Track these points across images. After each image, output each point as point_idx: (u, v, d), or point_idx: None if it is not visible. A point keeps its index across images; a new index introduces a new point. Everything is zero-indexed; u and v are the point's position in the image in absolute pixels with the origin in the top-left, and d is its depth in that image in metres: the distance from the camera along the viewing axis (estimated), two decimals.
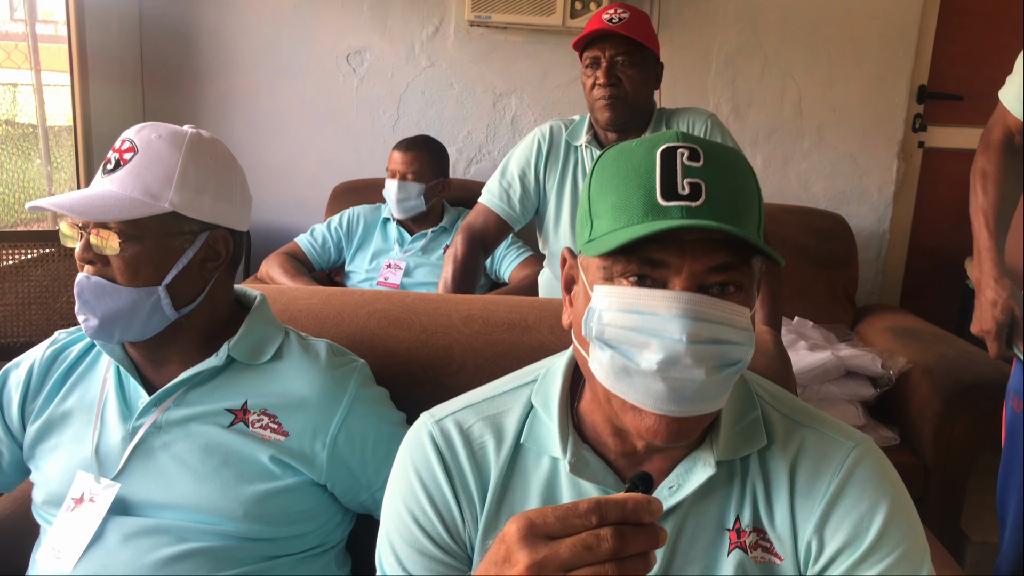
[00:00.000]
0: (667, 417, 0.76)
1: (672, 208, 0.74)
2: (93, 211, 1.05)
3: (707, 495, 0.85)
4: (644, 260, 0.75)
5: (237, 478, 1.11)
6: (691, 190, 0.75)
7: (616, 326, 0.75)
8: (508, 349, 1.36)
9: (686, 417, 0.76)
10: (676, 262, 0.75)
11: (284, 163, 3.22)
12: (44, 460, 1.18)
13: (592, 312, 0.77)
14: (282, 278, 2.55)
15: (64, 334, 1.25)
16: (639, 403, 0.76)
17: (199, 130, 1.16)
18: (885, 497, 0.83)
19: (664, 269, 0.75)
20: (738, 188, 0.77)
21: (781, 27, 3.02)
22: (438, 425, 0.91)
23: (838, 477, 0.84)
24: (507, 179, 2.10)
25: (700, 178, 0.75)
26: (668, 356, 0.73)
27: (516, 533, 0.64)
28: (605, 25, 1.91)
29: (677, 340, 0.73)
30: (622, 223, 0.76)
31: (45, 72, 2.83)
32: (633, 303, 0.75)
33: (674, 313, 0.73)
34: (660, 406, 0.75)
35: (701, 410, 0.77)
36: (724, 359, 0.75)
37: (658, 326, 0.74)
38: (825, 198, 3.14)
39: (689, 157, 0.76)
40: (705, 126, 2.03)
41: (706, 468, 0.84)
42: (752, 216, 0.78)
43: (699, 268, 0.75)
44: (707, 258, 0.75)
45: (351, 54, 3.14)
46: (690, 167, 0.76)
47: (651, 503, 0.63)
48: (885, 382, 2.35)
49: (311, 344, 1.21)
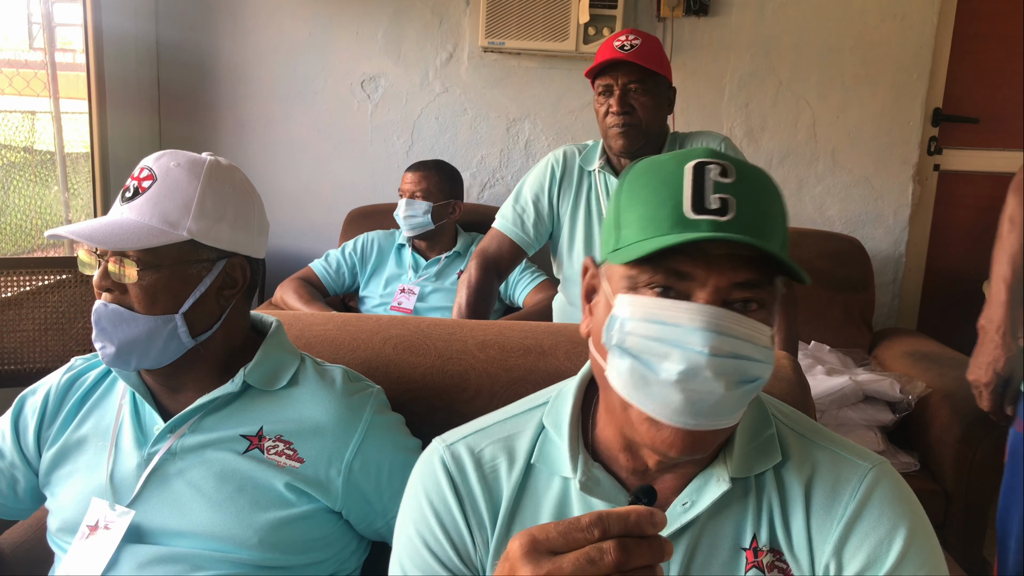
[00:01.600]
0: (683, 430, 0.76)
1: (701, 222, 0.75)
2: (112, 239, 1.05)
3: (721, 512, 0.85)
4: (670, 271, 0.76)
5: (252, 505, 1.10)
6: (720, 205, 0.75)
7: (638, 335, 0.76)
8: (524, 375, 1.36)
9: (701, 431, 0.76)
10: (702, 275, 0.75)
11: (299, 189, 3.24)
12: (59, 487, 1.17)
13: (614, 320, 0.77)
14: (296, 303, 2.56)
15: (80, 360, 1.26)
16: (656, 414, 0.76)
17: (217, 158, 1.16)
18: (904, 519, 0.82)
19: (689, 281, 0.76)
20: (766, 206, 0.78)
21: (794, 51, 3.03)
22: (449, 450, 0.92)
23: (856, 498, 0.83)
24: (521, 204, 2.10)
25: (730, 193, 0.76)
26: (689, 367, 0.73)
27: (519, 550, 0.64)
28: (617, 53, 1.92)
29: (699, 352, 0.73)
30: (649, 234, 0.76)
31: (63, 100, 2.87)
32: (657, 313, 0.75)
33: (697, 325, 0.73)
34: (676, 418, 0.75)
35: (717, 424, 0.77)
36: (744, 375, 0.75)
37: (680, 337, 0.74)
38: (840, 221, 3.12)
39: (720, 173, 0.77)
40: (719, 149, 2.02)
41: (720, 484, 0.84)
42: (778, 235, 0.79)
43: (724, 283, 0.75)
44: (732, 273, 0.75)
45: (365, 80, 3.17)
46: (720, 182, 0.76)
47: (654, 515, 0.62)
48: (904, 407, 2.32)
49: (327, 370, 1.21)
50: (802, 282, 0.77)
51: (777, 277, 0.79)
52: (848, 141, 3.08)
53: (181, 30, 3.15)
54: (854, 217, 3.12)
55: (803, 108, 3.06)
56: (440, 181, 2.70)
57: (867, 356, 2.77)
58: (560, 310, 2.28)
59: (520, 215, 2.09)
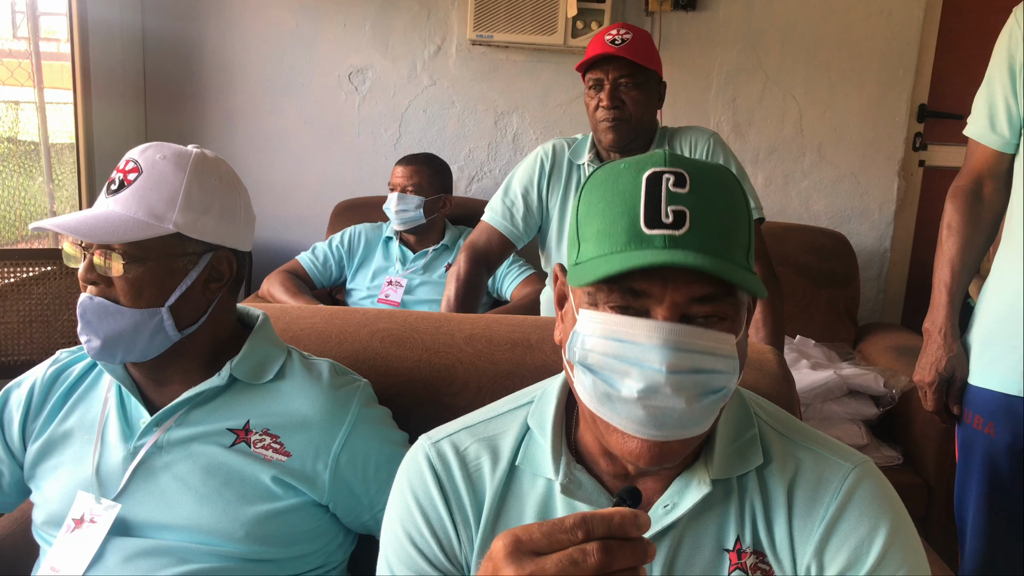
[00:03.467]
0: (649, 441, 0.76)
1: (655, 237, 0.74)
2: (97, 233, 1.05)
3: (704, 514, 0.85)
4: (627, 290, 0.75)
5: (239, 499, 1.10)
6: (675, 218, 0.74)
7: (598, 352, 0.76)
8: (511, 368, 1.36)
9: (668, 441, 0.76)
10: (658, 292, 0.75)
11: (286, 181, 3.22)
12: (45, 480, 1.17)
13: (576, 336, 0.77)
14: (283, 296, 2.55)
15: (66, 353, 1.25)
16: (621, 427, 0.76)
17: (203, 150, 1.16)
18: (885, 520, 0.83)
19: (646, 299, 0.75)
20: (724, 214, 0.77)
21: (781, 46, 3.04)
22: (435, 447, 0.92)
23: (837, 499, 0.83)
24: (510, 197, 2.10)
25: (684, 205, 0.75)
26: (648, 385, 0.73)
27: (503, 550, 0.64)
28: (608, 48, 1.92)
29: (657, 370, 0.73)
30: (605, 250, 0.76)
31: (48, 90, 2.84)
32: (615, 331, 0.75)
33: (654, 343, 0.73)
34: (642, 430, 0.75)
35: (683, 435, 0.77)
36: (706, 387, 0.75)
37: (639, 355, 0.73)
38: (826, 216, 3.14)
39: (675, 183, 0.75)
40: (708, 145, 2.03)
41: (701, 487, 0.84)
42: (739, 242, 0.77)
43: (681, 299, 0.75)
44: (689, 289, 0.74)
45: (353, 73, 3.16)
46: (675, 193, 0.75)
47: (638, 517, 0.63)
48: (888, 401, 2.34)
49: (313, 364, 1.21)
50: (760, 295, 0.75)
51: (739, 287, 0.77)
52: (834, 136, 3.09)
53: (167, 20, 3.13)
54: (840, 212, 3.14)
55: (790, 103, 3.08)
56: (432, 175, 2.70)
57: (852, 350, 2.79)
58: (548, 303, 2.28)
59: (509, 208, 2.09)
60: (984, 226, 1.60)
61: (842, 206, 3.14)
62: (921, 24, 3.00)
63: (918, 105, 3.13)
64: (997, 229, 1.63)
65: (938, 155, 3.18)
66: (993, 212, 1.60)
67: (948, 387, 1.58)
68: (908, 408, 2.33)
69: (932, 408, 1.60)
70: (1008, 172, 1.58)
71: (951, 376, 1.57)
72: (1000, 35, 1.57)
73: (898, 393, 2.33)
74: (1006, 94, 1.53)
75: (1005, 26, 1.56)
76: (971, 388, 1.56)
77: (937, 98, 3.13)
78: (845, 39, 3.02)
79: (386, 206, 2.69)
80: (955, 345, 1.57)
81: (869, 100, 3.05)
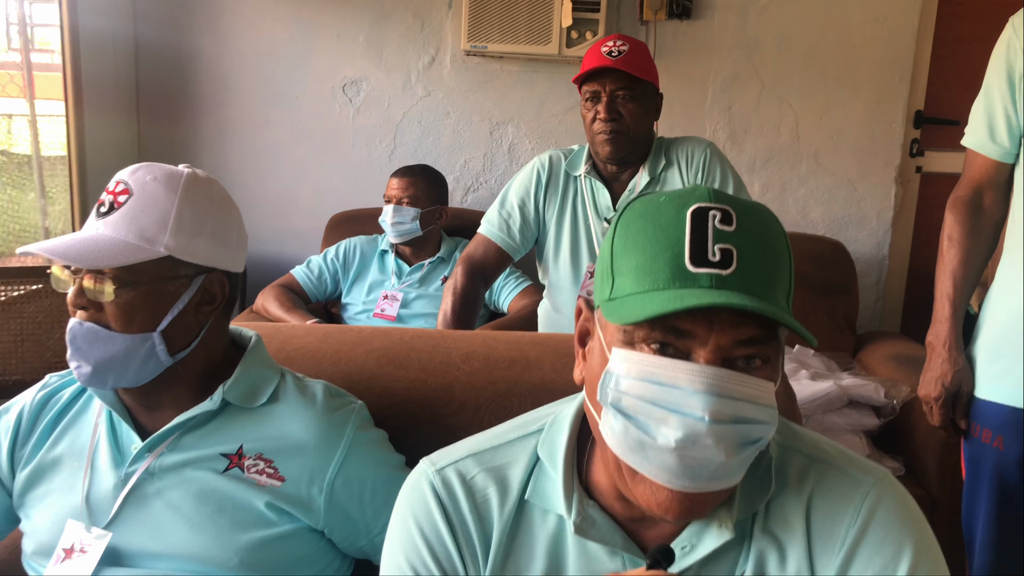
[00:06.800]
0: (680, 493, 0.73)
1: (701, 276, 0.71)
2: (87, 257, 1.03)
3: (720, 555, 0.82)
4: (669, 328, 0.72)
5: (232, 525, 1.08)
6: (722, 256, 0.71)
7: (634, 395, 0.72)
8: (509, 387, 1.34)
9: (700, 493, 0.73)
10: (703, 333, 0.71)
11: (280, 194, 3.20)
12: (34, 508, 1.15)
13: (609, 376, 0.74)
14: (278, 311, 2.52)
15: (55, 377, 1.23)
16: (652, 476, 0.73)
17: (195, 170, 1.14)
18: (909, 541, 0.80)
19: (690, 339, 0.72)
20: (770, 255, 0.74)
21: (777, 54, 3.03)
22: (439, 474, 0.88)
23: (858, 521, 0.80)
24: (507, 209, 2.09)
25: (732, 244, 0.72)
26: (688, 434, 0.69)
27: None
28: (605, 60, 1.90)
29: (699, 418, 0.69)
30: (646, 287, 0.73)
31: (40, 101, 2.82)
32: (654, 372, 0.71)
33: (698, 388, 0.70)
34: (674, 481, 0.72)
35: (717, 487, 0.74)
36: (746, 438, 0.72)
37: (679, 400, 0.70)
38: (824, 224, 3.13)
39: (721, 220, 0.72)
40: (704, 156, 2.02)
41: (722, 532, 0.80)
42: (783, 284, 0.75)
43: (726, 341, 0.71)
44: (735, 331, 0.71)
45: (347, 84, 3.14)
46: (722, 231, 0.72)
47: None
48: (889, 411, 2.32)
49: (307, 386, 1.19)
50: (810, 344, 0.73)
51: (780, 328, 0.74)
52: (831, 144, 3.08)
53: (160, 31, 3.11)
54: (837, 219, 3.13)
55: (786, 111, 3.07)
56: (427, 187, 2.68)
57: (851, 360, 2.77)
58: (545, 316, 2.26)
59: (506, 220, 2.08)
60: (985, 237, 1.59)
61: (839, 213, 3.13)
62: (916, 31, 2.99)
63: (914, 111, 3.12)
64: (998, 239, 1.62)
65: (935, 161, 3.17)
66: (994, 222, 1.59)
67: (954, 401, 1.56)
68: (909, 418, 2.31)
69: (938, 423, 1.58)
70: (1008, 182, 1.57)
71: (957, 390, 1.55)
72: (997, 44, 1.56)
73: (899, 403, 2.32)
74: (1005, 104, 1.52)
75: (1002, 35, 1.55)
76: (978, 402, 1.54)
77: (933, 104, 3.12)
78: (841, 46, 3.01)
79: (382, 218, 2.67)
80: (960, 358, 1.55)
81: (865, 107, 3.05)
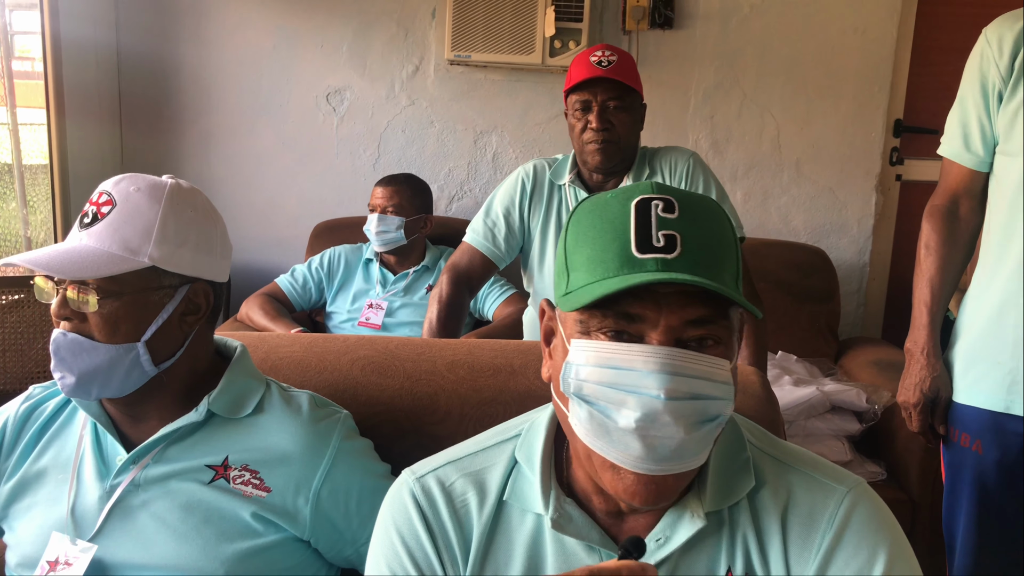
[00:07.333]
0: (645, 476, 0.75)
1: (647, 260, 0.74)
2: (71, 268, 1.02)
3: (696, 546, 0.84)
4: (620, 314, 0.75)
5: (218, 536, 1.08)
6: (666, 242, 0.75)
7: (593, 382, 0.75)
8: (494, 395, 1.35)
9: (665, 476, 0.76)
10: (652, 316, 0.74)
11: (264, 203, 3.20)
12: (18, 521, 1.14)
13: (570, 367, 0.77)
14: (262, 319, 2.52)
15: (39, 389, 1.22)
16: (617, 460, 0.75)
17: (179, 180, 1.14)
18: (883, 546, 0.82)
19: (641, 323, 0.75)
20: (714, 239, 0.77)
21: (758, 64, 3.06)
22: (419, 482, 0.90)
23: (833, 527, 0.82)
24: (492, 218, 2.10)
25: (675, 230, 0.75)
26: (646, 413, 0.72)
27: None
28: (596, 70, 1.91)
29: (655, 396, 0.72)
30: (597, 276, 0.76)
31: (21, 109, 2.80)
32: (611, 358, 0.74)
33: (651, 368, 0.73)
34: (639, 464, 0.74)
35: (680, 468, 0.76)
36: (703, 415, 0.74)
37: (636, 382, 0.73)
38: (805, 231, 3.16)
39: (664, 209, 0.76)
40: (687, 165, 2.04)
41: (695, 521, 0.83)
42: (729, 267, 0.78)
43: (676, 321, 0.75)
44: (683, 311, 0.75)
45: (331, 93, 3.14)
46: (665, 219, 0.76)
47: (645, 570, 0.62)
48: (870, 417, 2.34)
49: (293, 396, 1.19)
50: (756, 316, 0.76)
51: (732, 308, 0.78)
52: (812, 152, 3.11)
53: (143, 40, 3.10)
54: (818, 227, 3.16)
55: (767, 120, 3.09)
56: (412, 196, 2.69)
57: (833, 366, 2.79)
58: (530, 324, 2.27)
59: (491, 229, 2.08)
60: (962, 245, 1.62)
61: (821, 221, 3.16)
62: (895, 41, 3.03)
63: (894, 120, 3.15)
64: (974, 247, 1.64)
65: (915, 169, 3.21)
66: (970, 231, 1.62)
67: (933, 407, 1.59)
68: (891, 423, 2.33)
69: (917, 429, 1.61)
70: (983, 190, 1.59)
71: (936, 396, 1.58)
72: (971, 55, 1.58)
73: (881, 409, 2.34)
74: (979, 113, 1.55)
75: (976, 46, 1.57)
76: (957, 406, 1.57)
77: (912, 113, 3.16)
78: (821, 56, 3.04)
79: (366, 227, 2.67)
80: (938, 365, 1.58)
81: (846, 116, 3.08)
